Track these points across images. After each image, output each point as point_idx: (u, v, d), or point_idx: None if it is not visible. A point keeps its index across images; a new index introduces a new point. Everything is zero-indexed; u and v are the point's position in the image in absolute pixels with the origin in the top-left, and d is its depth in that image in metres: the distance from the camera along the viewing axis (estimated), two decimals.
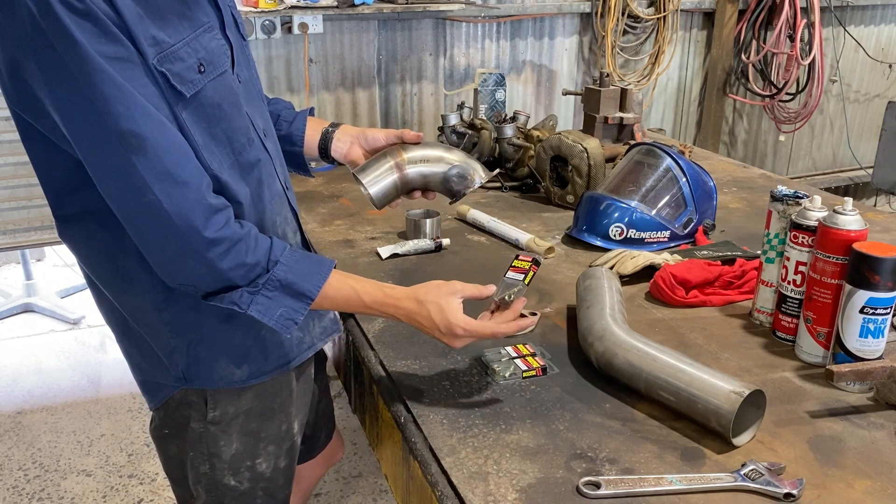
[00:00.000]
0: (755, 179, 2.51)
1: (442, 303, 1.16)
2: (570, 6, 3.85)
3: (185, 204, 1.02)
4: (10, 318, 3.85)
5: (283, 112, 1.46)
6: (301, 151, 1.46)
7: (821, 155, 4.99)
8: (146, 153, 0.99)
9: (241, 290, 1.09)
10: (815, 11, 4.10)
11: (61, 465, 2.74)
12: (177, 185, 1.02)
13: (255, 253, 1.08)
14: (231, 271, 1.07)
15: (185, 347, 1.18)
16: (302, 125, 1.45)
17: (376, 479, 2.68)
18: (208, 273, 1.06)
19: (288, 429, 1.32)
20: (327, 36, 3.39)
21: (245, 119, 1.16)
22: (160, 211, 1.01)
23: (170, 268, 1.07)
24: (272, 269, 1.10)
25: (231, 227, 1.07)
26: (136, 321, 1.19)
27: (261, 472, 1.29)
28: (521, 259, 1.26)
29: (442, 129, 2.56)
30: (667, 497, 1.00)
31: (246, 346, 1.21)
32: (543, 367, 1.28)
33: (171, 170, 1.01)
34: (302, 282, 1.12)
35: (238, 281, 1.08)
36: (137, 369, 1.25)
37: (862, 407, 1.22)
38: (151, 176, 1.00)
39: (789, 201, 1.39)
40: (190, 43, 1.05)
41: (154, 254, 1.06)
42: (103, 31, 0.94)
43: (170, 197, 1.01)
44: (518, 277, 1.23)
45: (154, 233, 1.04)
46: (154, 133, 1.00)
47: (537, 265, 1.25)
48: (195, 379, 1.21)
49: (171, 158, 1.02)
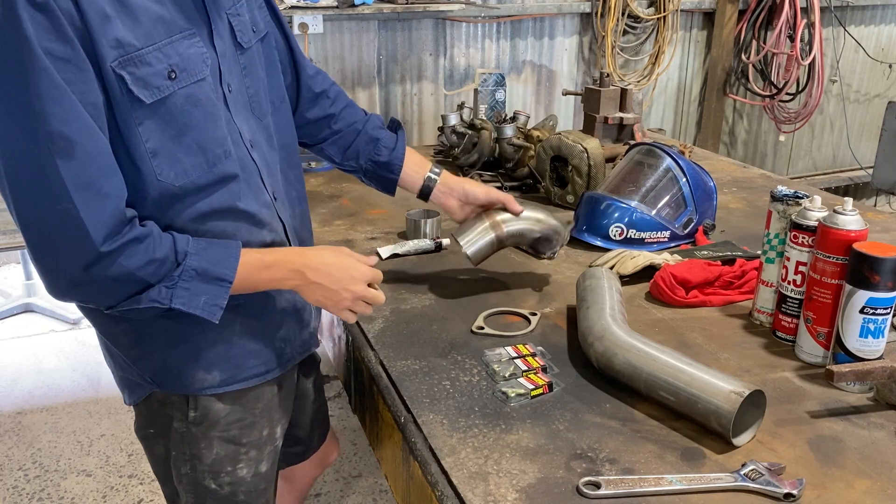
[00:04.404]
0: (755, 179, 2.51)
1: (333, 249, 1.24)
2: (570, 6, 3.85)
3: (102, 216, 1.00)
4: (10, 318, 3.85)
5: (382, 137, 1.51)
6: (396, 180, 1.51)
7: (821, 155, 5.00)
8: (73, 158, 0.97)
9: (157, 286, 1.06)
10: (815, 11, 4.10)
11: (61, 465, 2.74)
12: (98, 196, 1.00)
13: (161, 248, 1.06)
14: (140, 270, 1.04)
15: (150, 355, 1.18)
16: (402, 154, 1.51)
17: (376, 479, 2.68)
18: (117, 279, 1.03)
19: (270, 434, 1.32)
20: (327, 36, 3.39)
21: (222, 130, 1.14)
22: (74, 220, 0.98)
23: (69, 280, 1.03)
24: (183, 260, 1.08)
25: (135, 229, 1.05)
26: (100, 331, 1.19)
27: (241, 477, 1.29)
28: None
29: (442, 129, 2.56)
30: (667, 497, 1.00)
31: (214, 352, 1.20)
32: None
33: (95, 180, 0.99)
34: (216, 267, 1.10)
35: (150, 279, 1.06)
36: (116, 365, 1.26)
37: (862, 407, 1.22)
38: (73, 183, 0.97)
39: (789, 201, 1.39)
40: (162, 48, 1.04)
41: (53, 264, 1.02)
42: (55, 28, 0.93)
43: (88, 207, 0.99)
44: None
45: (61, 241, 1.00)
46: (84, 140, 0.98)
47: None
48: (165, 383, 1.21)
49: (98, 168, 1.00)
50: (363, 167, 1.52)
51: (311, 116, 1.48)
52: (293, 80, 1.44)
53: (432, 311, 1.53)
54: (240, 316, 1.20)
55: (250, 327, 1.24)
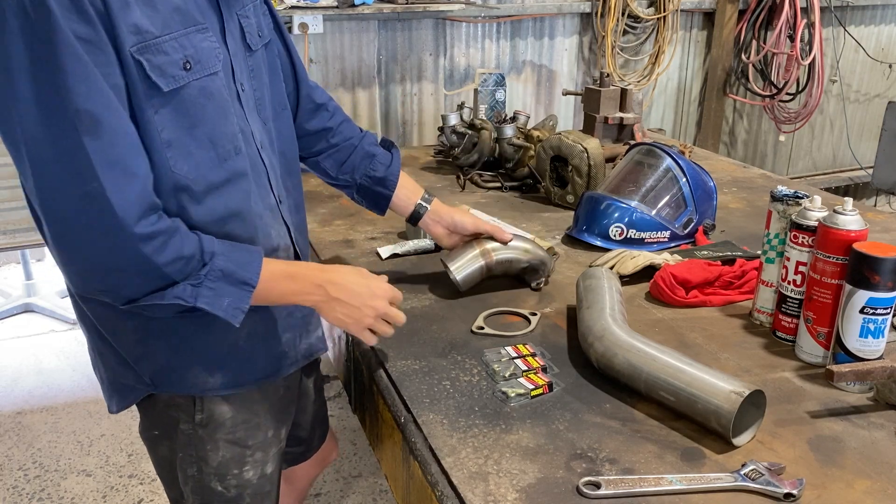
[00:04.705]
0: (755, 179, 2.51)
1: (353, 268, 1.24)
2: (570, 6, 3.85)
3: (130, 196, 0.99)
4: (10, 318, 3.85)
5: (378, 153, 1.51)
6: (391, 196, 1.52)
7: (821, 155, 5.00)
8: (100, 136, 0.96)
9: (183, 284, 1.05)
10: (815, 11, 4.10)
11: (61, 465, 2.74)
12: (126, 175, 0.98)
13: (189, 246, 1.05)
14: (168, 266, 1.03)
15: (154, 355, 1.17)
16: (397, 171, 1.52)
17: (376, 479, 2.68)
18: (142, 271, 1.02)
19: (275, 434, 1.32)
20: (327, 36, 3.39)
21: (233, 126, 1.14)
22: (101, 201, 0.97)
23: (94, 269, 1.02)
24: (210, 260, 1.07)
25: (164, 221, 1.04)
26: (103, 327, 1.17)
27: (248, 480, 1.29)
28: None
29: (442, 129, 2.56)
30: (667, 497, 1.00)
31: (220, 355, 1.20)
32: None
33: (122, 158, 0.98)
34: (242, 271, 1.10)
35: (174, 276, 1.04)
36: (107, 369, 1.23)
37: (862, 407, 1.22)
38: (101, 161, 0.96)
39: (789, 201, 1.39)
40: (178, 38, 1.04)
41: (79, 252, 1.01)
42: (79, 10, 0.93)
43: (116, 186, 0.97)
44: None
45: (89, 224, 0.98)
46: (110, 118, 0.97)
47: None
48: (164, 385, 1.20)
49: (124, 147, 0.99)
50: (358, 182, 1.52)
51: (311, 128, 1.49)
52: (294, 89, 1.45)
53: (432, 311, 1.53)
54: (247, 319, 1.20)
55: (256, 331, 1.23)
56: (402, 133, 3.75)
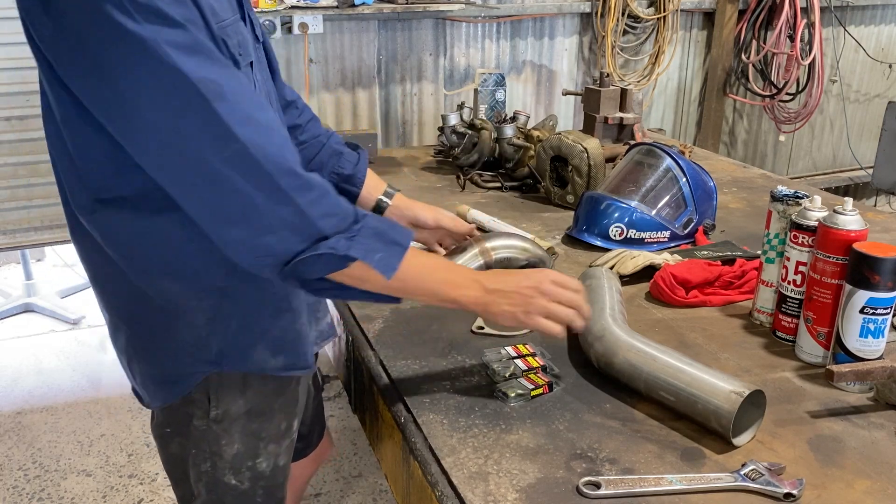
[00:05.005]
0: (755, 179, 2.51)
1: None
2: (570, 6, 3.85)
3: (271, 147, 0.98)
4: (10, 318, 3.85)
5: (345, 151, 1.50)
6: (359, 193, 1.50)
7: (821, 155, 5.00)
8: (226, 98, 0.95)
9: (336, 236, 1.04)
10: (815, 11, 4.10)
11: (61, 465, 2.74)
12: (261, 127, 0.98)
13: (342, 203, 1.06)
14: (322, 219, 1.02)
15: (224, 332, 1.17)
16: (364, 169, 1.51)
17: (376, 479, 2.68)
18: (299, 223, 1.01)
19: (288, 426, 1.32)
20: (327, 36, 3.39)
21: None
22: (246, 159, 0.96)
23: (253, 232, 1.00)
24: (362, 219, 1.07)
25: (314, 176, 1.03)
26: (172, 309, 1.14)
27: (261, 472, 1.29)
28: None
29: (442, 129, 2.56)
30: (667, 497, 1.00)
31: (288, 337, 1.21)
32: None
33: (252, 114, 0.98)
34: (393, 232, 1.09)
35: (327, 231, 1.03)
36: (155, 362, 1.20)
37: (862, 407, 1.22)
38: (235, 120, 0.95)
39: (789, 201, 1.39)
40: (233, 24, 1.05)
41: (234, 220, 1.00)
42: None
43: (257, 138, 0.97)
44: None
45: (238, 191, 0.97)
46: (229, 81, 0.97)
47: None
48: (227, 362, 1.19)
49: (251, 104, 0.99)
50: (326, 179, 1.52)
51: None
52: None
53: (432, 310, 1.53)
54: (304, 304, 1.19)
55: (306, 318, 1.25)
56: (402, 133, 3.75)
